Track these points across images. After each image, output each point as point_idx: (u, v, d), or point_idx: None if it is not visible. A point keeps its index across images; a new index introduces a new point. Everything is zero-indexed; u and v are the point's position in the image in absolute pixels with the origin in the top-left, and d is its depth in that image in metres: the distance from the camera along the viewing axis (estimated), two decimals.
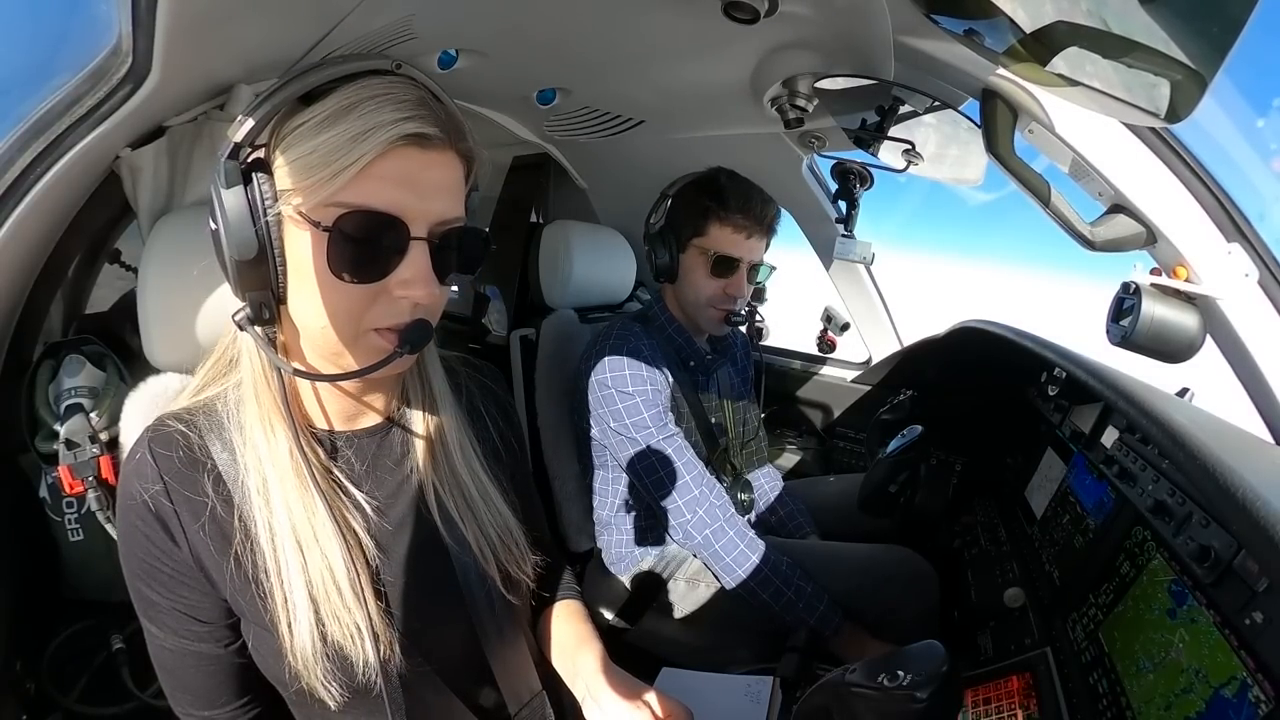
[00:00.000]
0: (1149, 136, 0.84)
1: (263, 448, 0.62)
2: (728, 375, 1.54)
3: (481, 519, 0.73)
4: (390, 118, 0.55)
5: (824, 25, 0.93)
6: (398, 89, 0.57)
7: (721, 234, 1.30)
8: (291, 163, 0.55)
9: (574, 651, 0.83)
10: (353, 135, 0.54)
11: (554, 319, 1.59)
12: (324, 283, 0.57)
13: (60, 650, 0.88)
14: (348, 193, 0.55)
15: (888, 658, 0.57)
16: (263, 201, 0.56)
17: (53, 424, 0.82)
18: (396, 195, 0.56)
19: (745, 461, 1.55)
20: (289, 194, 0.56)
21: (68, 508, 0.84)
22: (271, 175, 0.56)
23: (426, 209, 0.58)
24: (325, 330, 0.59)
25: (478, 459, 0.76)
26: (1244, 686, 0.58)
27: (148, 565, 0.62)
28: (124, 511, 0.62)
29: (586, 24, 1.02)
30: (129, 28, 0.60)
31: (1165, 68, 0.58)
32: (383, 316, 0.59)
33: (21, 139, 0.67)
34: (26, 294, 0.86)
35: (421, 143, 0.56)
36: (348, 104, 0.55)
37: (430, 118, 0.57)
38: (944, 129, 1.23)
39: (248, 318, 0.59)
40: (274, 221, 0.56)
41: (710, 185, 1.33)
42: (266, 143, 0.58)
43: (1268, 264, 0.86)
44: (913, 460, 1.36)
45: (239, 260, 0.56)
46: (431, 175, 0.58)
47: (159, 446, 0.62)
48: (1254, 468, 0.57)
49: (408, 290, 0.58)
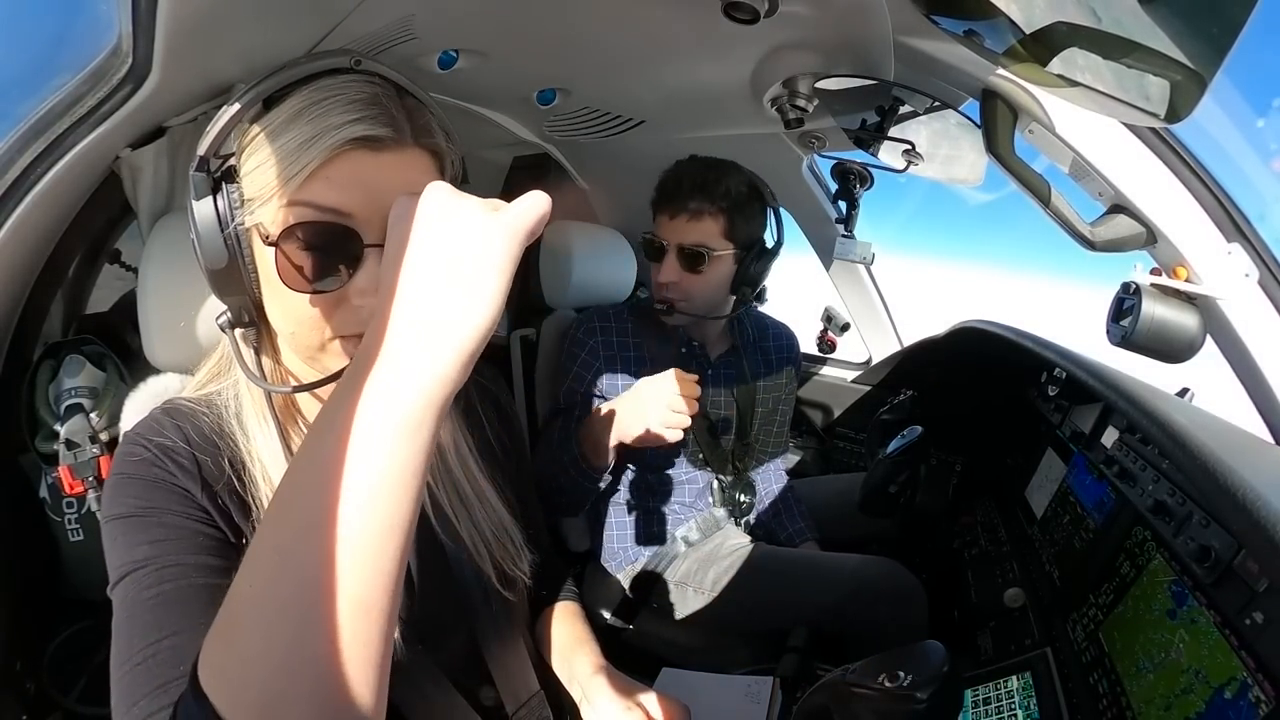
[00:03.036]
0: (1149, 136, 0.84)
1: (258, 441, 0.63)
2: (742, 370, 1.48)
3: (477, 517, 0.73)
4: (338, 120, 0.53)
5: (824, 25, 0.93)
6: (350, 88, 0.55)
7: (659, 221, 1.32)
8: (253, 170, 0.55)
9: (570, 654, 0.83)
10: (301, 141, 0.52)
11: (554, 319, 1.59)
12: (282, 292, 0.56)
13: (60, 650, 0.88)
14: (296, 200, 0.53)
15: (888, 658, 0.57)
16: (230, 212, 0.55)
17: (53, 424, 0.82)
18: (345, 199, 0.54)
19: (755, 459, 1.54)
20: (252, 203, 0.55)
21: (68, 508, 0.84)
22: (239, 184, 0.56)
23: (381, 212, 0.53)
24: (295, 336, 0.59)
25: (473, 458, 0.76)
26: (1244, 687, 0.58)
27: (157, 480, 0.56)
28: (125, 456, 0.58)
29: (587, 24, 1.02)
30: (129, 28, 0.60)
31: (1165, 68, 0.58)
32: (347, 324, 0.57)
33: (21, 139, 0.67)
34: (26, 294, 0.86)
35: (372, 144, 0.54)
36: (301, 108, 0.54)
37: (382, 116, 0.54)
38: (944, 129, 1.23)
39: (229, 321, 0.60)
40: (242, 231, 0.56)
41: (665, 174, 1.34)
42: (234, 151, 0.57)
43: (1268, 264, 0.86)
44: (913, 460, 1.36)
45: (211, 270, 0.57)
46: (386, 177, 0.54)
47: (175, 415, 0.62)
48: (1254, 468, 0.57)
49: (364, 299, 0.55)
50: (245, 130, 0.56)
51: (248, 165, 0.55)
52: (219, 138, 0.55)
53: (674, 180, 1.31)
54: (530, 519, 0.85)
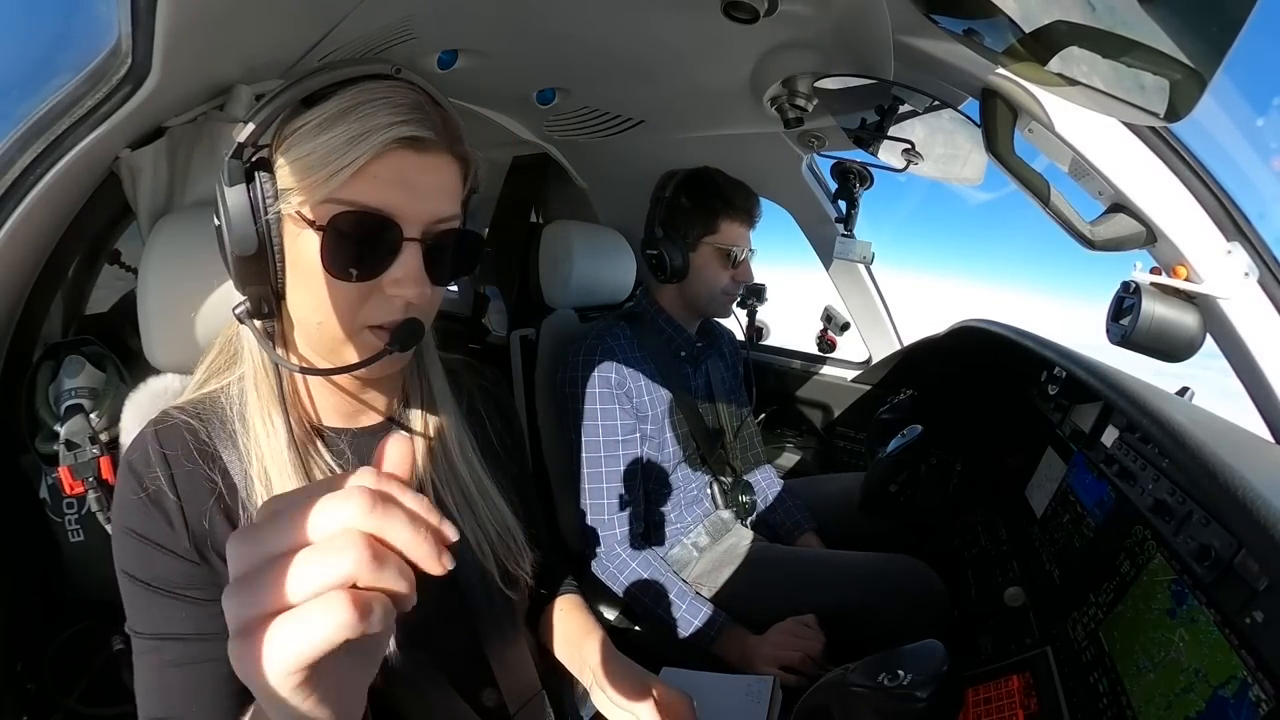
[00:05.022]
0: (1149, 135, 0.84)
1: (263, 439, 0.63)
2: (719, 372, 1.55)
3: (480, 516, 0.75)
4: (386, 120, 0.56)
5: (824, 25, 0.93)
6: (395, 93, 0.58)
7: (731, 229, 1.39)
8: (292, 163, 0.57)
9: (579, 642, 0.84)
10: (350, 137, 0.55)
11: (554, 319, 1.59)
12: (320, 279, 0.58)
13: (61, 651, 0.88)
14: (343, 193, 0.56)
15: (888, 657, 0.57)
16: (264, 200, 0.57)
17: (53, 425, 0.82)
18: (390, 196, 0.57)
19: (744, 463, 1.56)
20: (289, 193, 0.57)
21: (68, 508, 0.85)
22: (273, 175, 0.58)
23: (420, 210, 0.59)
24: (321, 326, 0.60)
25: (477, 458, 0.77)
26: (1244, 686, 0.58)
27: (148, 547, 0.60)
28: (124, 494, 0.61)
29: (586, 24, 1.02)
30: (129, 28, 0.61)
31: (1164, 67, 0.58)
32: (376, 314, 0.60)
33: (21, 139, 0.67)
34: (26, 294, 0.86)
35: (416, 145, 0.58)
36: (346, 107, 0.56)
37: (426, 121, 0.58)
38: (944, 128, 1.23)
39: (247, 311, 0.61)
40: (274, 219, 0.58)
41: (712, 185, 1.38)
42: (269, 143, 0.59)
43: (1268, 263, 0.86)
44: (913, 460, 1.35)
45: (240, 256, 0.58)
46: (426, 177, 0.59)
47: (165, 436, 0.62)
48: (1254, 467, 0.57)
49: (399, 289, 0.59)
50: (284, 122, 0.58)
51: (287, 156, 0.57)
52: (260, 128, 0.57)
53: (743, 193, 1.40)
54: (531, 518, 0.85)
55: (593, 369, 1.33)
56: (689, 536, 1.40)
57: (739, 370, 1.66)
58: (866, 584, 1.25)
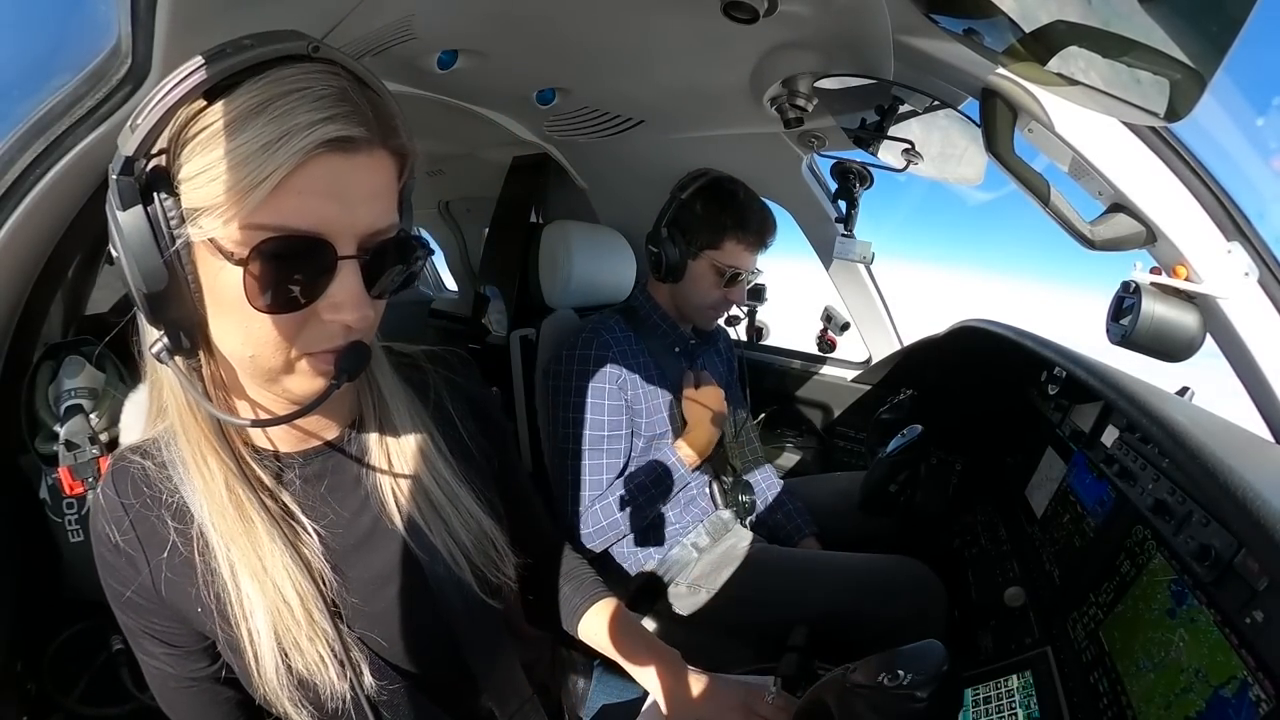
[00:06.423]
0: (1149, 135, 0.84)
1: (198, 484, 0.58)
2: (716, 370, 1.55)
3: (452, 524, 0.68)
4: (306, 119, 0.45)
5: (823, 25, 0.93)
6: (315, 80, 0.47)
7: (735, 250, 1.37)
8: (196, 175, 0.47)
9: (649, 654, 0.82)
10: (264, 143, 0.45)
11: (554, 319, 1.59)
12: (246, 311, 0.49)
13: (61, 651, 0.88)
14: (262, 214, 0.46)
15: (888, 657, 0.57)
16: (167, 225, 0.47)
17: (53, 425, 0.82)
18: (319, 211, 0.48)
19: (744, 462, 1.56)
20: (197, 215, 0.47)
21: (68, 509, 0.85)
22: (176, 192, 0.47)
23: (354, 222, 0.50)
24: (255, 359, 0.53)
25: (444, 462, 0.70)
26: (1244, 686, 0.58)
27: (121, 596, 0.61)
28: (95, 544, 0.61)
29: (586, 24, 1.02)
30: (128, 28, 0.61)
31: (1164, 66, 0.58)
32: (315, 341, 0.53)
33: (21, 139, 0.67)
34: (26, 294, 0.86)
35: (345, 147, 0.48)
36: (256, 102, 0.46)
37: (354, 114, 0.48)
38: (944, 128, 1.23)
39: (166, 349, 0.53)
40: (183, 247, 0.48)
41: (730, 200, 1.37)
42: (166, 149, 0.48)
43: (1268, 263, 0.86)
44: (913, 460, 1.36)
45: (147, 294, 0.48)
46: (359, 183, 0.49)
47: (119, 481, 0.60)
48: (1254, 467, 0.57)
49: (337, 314, 0.51)
50: (182, 126, 0.47)
51: (190, 168, 0.47)
52: (151, 135, 0.46)
53: (759, 216, 1.38)
54: (531, 517, 0.84)
55: (588, 362, 1.33)
56: (688, 537, 1.40)
57: (734, 368, 1.65)
58: (866, 584, 1.25)
